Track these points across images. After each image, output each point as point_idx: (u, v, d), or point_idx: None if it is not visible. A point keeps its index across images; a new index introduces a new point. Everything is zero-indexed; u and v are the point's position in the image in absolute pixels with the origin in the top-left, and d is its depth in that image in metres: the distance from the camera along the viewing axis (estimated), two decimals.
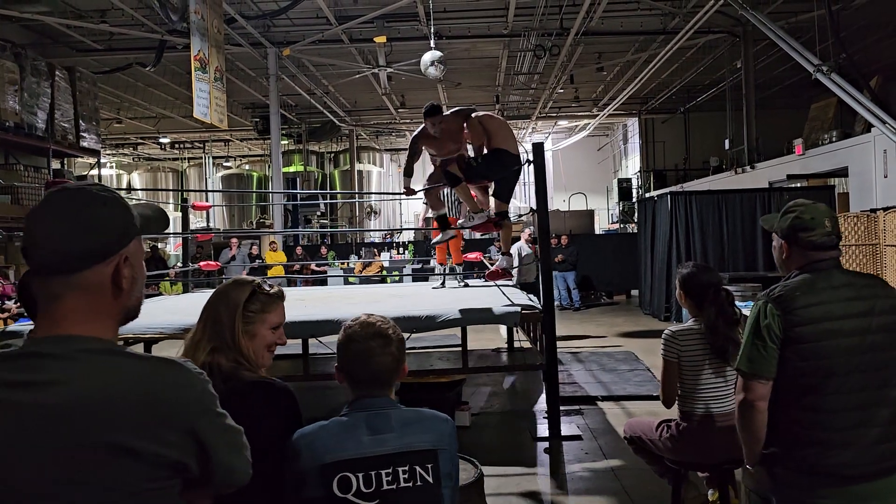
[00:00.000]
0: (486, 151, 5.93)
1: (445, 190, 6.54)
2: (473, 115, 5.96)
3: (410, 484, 1.79)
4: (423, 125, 5.97)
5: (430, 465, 1.81)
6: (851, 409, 2.15)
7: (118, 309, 1.26)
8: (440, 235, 6.60)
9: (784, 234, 2.33)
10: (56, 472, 1.11)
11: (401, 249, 17.94)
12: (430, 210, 6.85)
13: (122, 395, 1.14)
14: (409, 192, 6.38)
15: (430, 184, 6.36)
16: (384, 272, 14.90)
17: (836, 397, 2.15)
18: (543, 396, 6.19)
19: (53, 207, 1.21)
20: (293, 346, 6.80)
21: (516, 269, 9.14)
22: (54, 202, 1.22)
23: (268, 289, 2.03)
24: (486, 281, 6.72)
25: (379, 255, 16.93)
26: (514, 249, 9.21)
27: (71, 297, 1.20)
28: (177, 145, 26.85)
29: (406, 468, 1.79)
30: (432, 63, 11.81)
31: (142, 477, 1.15)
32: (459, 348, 5.48)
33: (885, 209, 9.14)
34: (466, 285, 7.43)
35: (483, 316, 5.11)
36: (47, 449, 1.11)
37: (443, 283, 7.44)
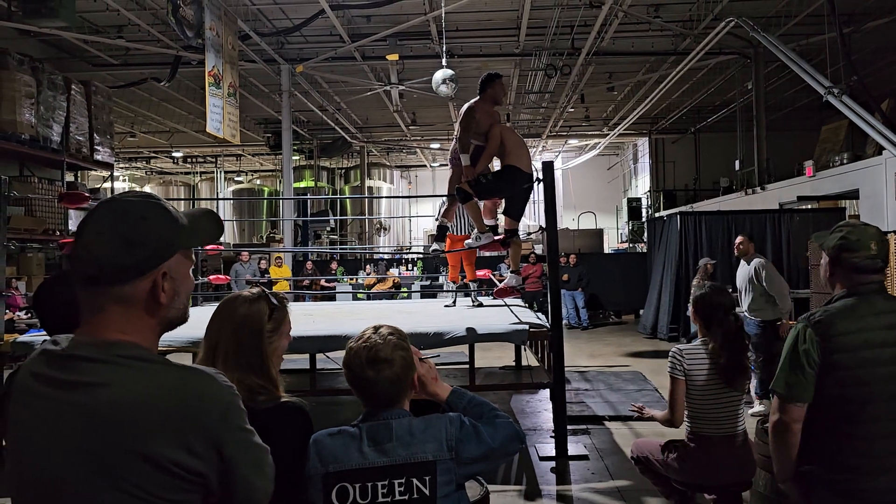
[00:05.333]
0: (498, 167, 5.97)
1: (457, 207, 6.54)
2: (500, 123, 6.02)
3: (406, 497, 1.80)
4: (477, 101, 5.92)
5: (427, 478, 1.81)
6: (887, 436, 2.13)
7: (158, 319, 1.29)
8: (471, 240, 6.54)
9: (829, 254, 2.33)
10: (89, 471, 1.15)
11: (410, 266, 17.95)
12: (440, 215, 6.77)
13: (157, 402, 1.17)
14: (469, 172, 5.79)
15: (451, 184, 6.28)
16: (397, 287, 14.90)
17: (873, 425, 2.14)
18: (550, 415, 6.17)
19: (97, 219, 1.24)
20: (300, 360, 6.80)
21: (749, 300, 6.86)
22: (99, 214, 1.24)
23: (275, 301, 2.02)
24: (494, 298, 6.71)
25: (388, 271, 16.95)
26: (749, 271, 7.04)
27: (112, 307, 1.24)
28: (189, 159, 27.07)
29: (402, 481, 1.80)
30: (444, 81, 11.88)
31: (166, 486, 1.17)
32: (467, 365, 5.47)
33: (895, 232, 9.09)
34: (481, 304, 7.34)
35: (491, 334, 5.11)
36: (84, 447, 1.15)
37: (454, 302, 7.41)
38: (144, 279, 1.24)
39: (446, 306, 7.39)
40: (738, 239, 7.31)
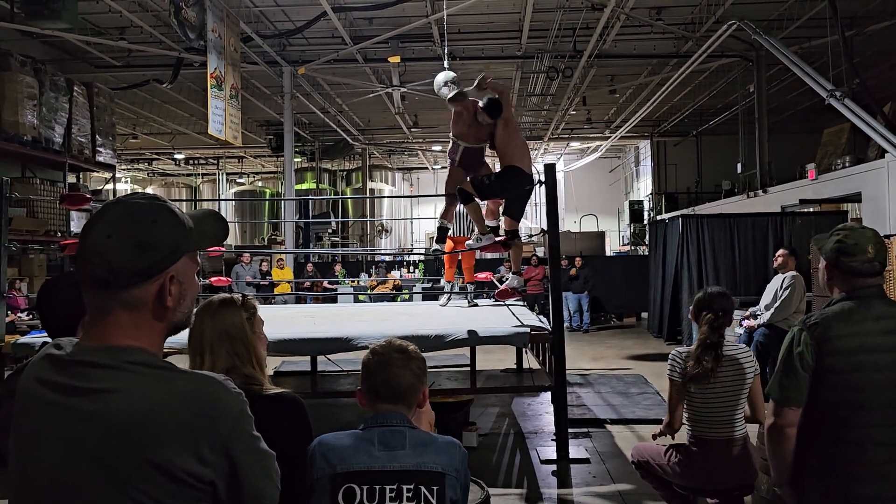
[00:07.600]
0: (500, 168, 5.98)
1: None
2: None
3: (414, 503, 1.80)
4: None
5: (435, 488, 1.82)
6: (881, 443, 2.12)
7: (164, 323, 1.27)
8: (472, 241, 6.59)
9: (827, 258, 2.31)
10: (100, 479, 1.13)
11: (411, 268, 17.94)
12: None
13: (167, 410, 1.16)
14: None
15: (448, 185, 6.28)
16: (398, 289, 14.88)
17: (866, 430, 2.12)
18: (551, 418, 6.16)
19: (105, 222, 1.21)
20: (301, 363, 6.80)
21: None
22: (106, 216, 1.22)
23: (237, 297, 2.10)
24: (495, 300, 6.70)
25: (389, 273, 16.94)
26: (788, 280, 6.77)
27: (118, 311, 1.22)
28: (191, 161, 27.09)
29: (411, 487, 1.80)
30: (445, 83, 11.84)
31: (176, 495, 1.16)
32: (468, 368, 5.46)
33: None
34: (475, 304, 7.42)
35: (492, 336, 5.10)
36: (95, 455, 1.14)
37: (448, 300, 7.44)
38: (152, 283, 1.22)
39: (441, 306, 7.40)
40: (780, 252, 7.05)
